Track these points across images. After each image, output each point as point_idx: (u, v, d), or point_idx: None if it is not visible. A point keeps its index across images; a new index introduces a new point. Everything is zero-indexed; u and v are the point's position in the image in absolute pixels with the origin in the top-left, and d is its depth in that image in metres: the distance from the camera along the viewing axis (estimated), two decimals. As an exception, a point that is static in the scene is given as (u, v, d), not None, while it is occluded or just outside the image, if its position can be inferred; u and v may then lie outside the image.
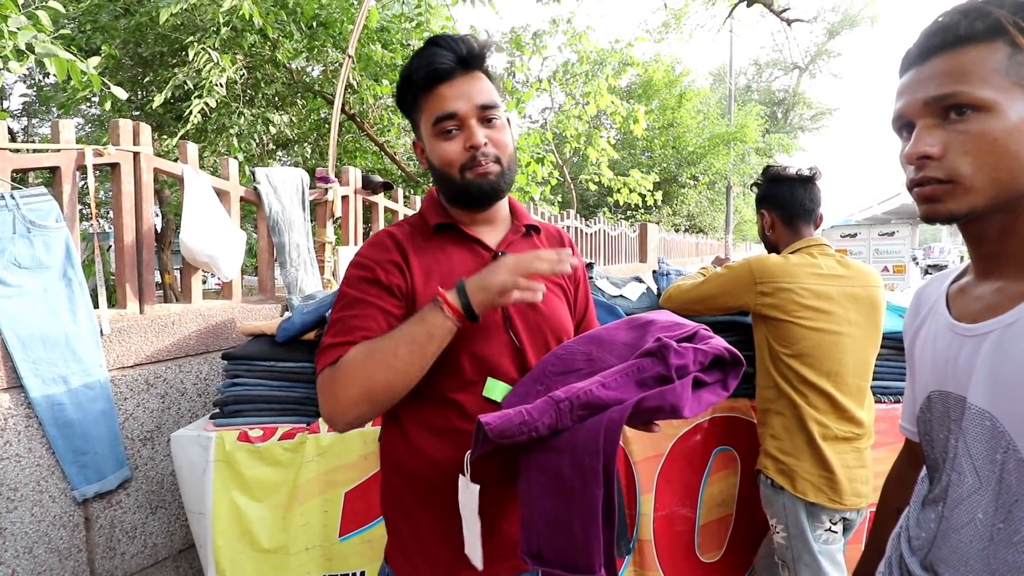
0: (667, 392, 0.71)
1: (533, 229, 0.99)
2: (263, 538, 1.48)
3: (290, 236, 2.32)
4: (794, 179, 1.47)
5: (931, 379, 0.68)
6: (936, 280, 0.74)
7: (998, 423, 0.57)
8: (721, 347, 0.76)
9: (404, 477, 0.89)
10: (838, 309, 1.34)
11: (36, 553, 1.57)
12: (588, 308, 1.07)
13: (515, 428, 0.70)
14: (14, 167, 1.60)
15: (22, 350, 1.54)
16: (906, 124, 0.63)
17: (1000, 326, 0.59)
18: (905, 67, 0.64)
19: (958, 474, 0.62)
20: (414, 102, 0.89)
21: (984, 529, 0.59)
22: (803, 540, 1.33)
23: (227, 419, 1.53)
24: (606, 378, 0.74)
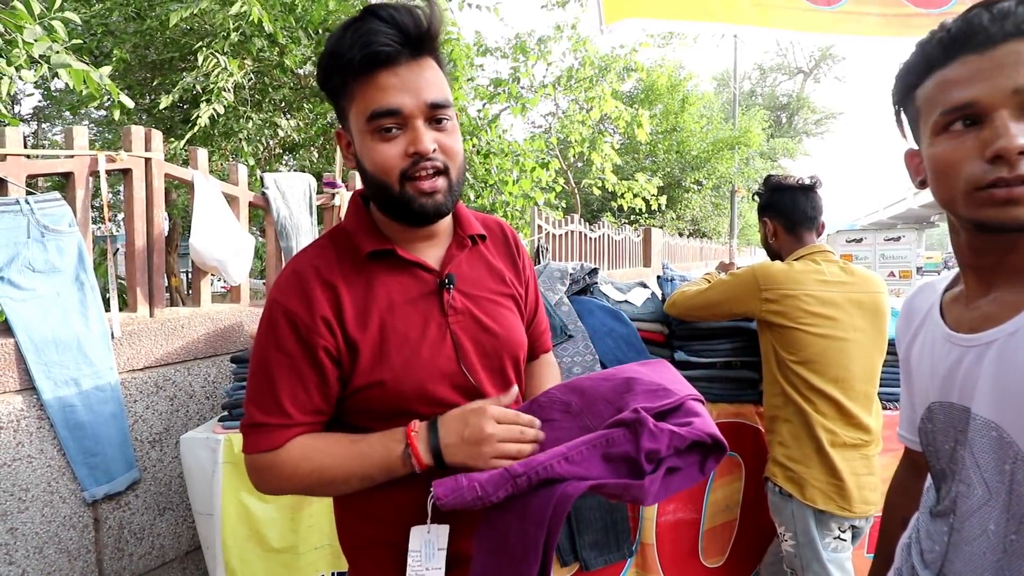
0: (632, 487, 0.67)
1: (479, 237, 0.85)
2: (273, 538, 1.50)
3: (298, 241, 2.35)
4: (795, 188, 1.48)
5: (931, 390, 0.67)
6: (926, 289, 0.74)
7: (1005, 433, 0.57)
8: (702, 432, 0.68)
9: (360, 517, 0.82)
10: (843, 315, 1.35)
11: (46, 553, 1.59)
12: (538, 308, 0.96)
13: (468, 503, 0.67)
14: (29, 173, 1.63)
15: (35, 353, 1.56)
16: (972, 116, 0.57)
17: (1002, 336, 0.58)
18: (954, 52, 0.58)
19: (966, 486, 0.61)
20: (343, 86, 0.72)
21: (997, 541, 0.58)
22: (812, 548, 1.33)
23: (236, 422, 1.55)
24: (571, 450, 0.69)
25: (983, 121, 0.56)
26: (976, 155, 0.56)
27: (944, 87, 0.59)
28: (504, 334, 0.82)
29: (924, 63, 0.62)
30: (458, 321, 0.78)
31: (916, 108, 0.64)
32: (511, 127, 9.75)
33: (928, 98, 0.61)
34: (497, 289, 0.84)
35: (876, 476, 1.34)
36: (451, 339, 0.77)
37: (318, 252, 0.78)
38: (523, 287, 0.90)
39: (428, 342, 0.76)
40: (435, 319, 0.77)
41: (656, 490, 0.66)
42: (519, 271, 0.90)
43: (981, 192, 0.56)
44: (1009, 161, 0.54)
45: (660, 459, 0.67)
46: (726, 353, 1.68)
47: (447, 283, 0.78)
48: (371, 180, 0.74)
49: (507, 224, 0.93)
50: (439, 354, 0.76)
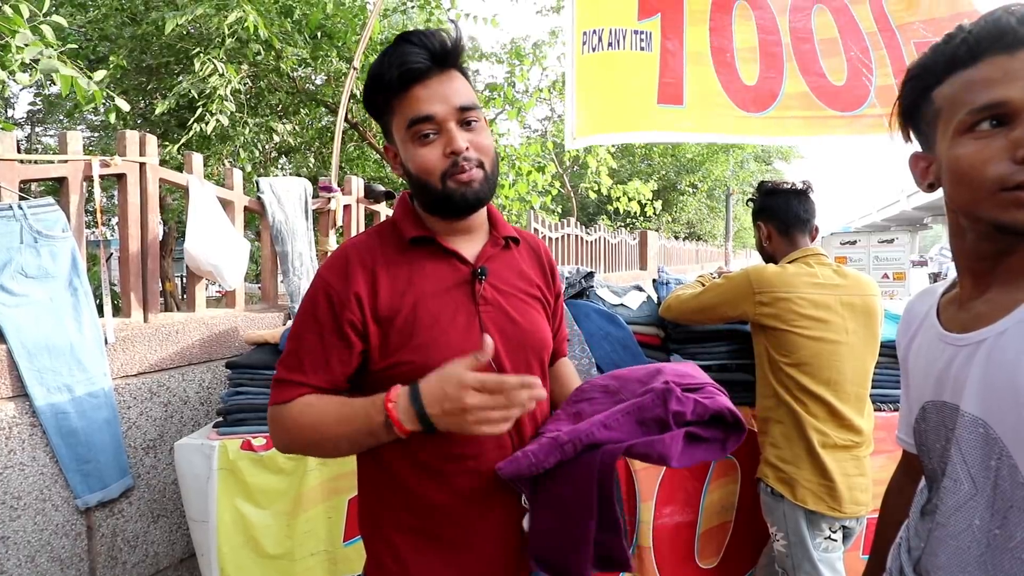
0: (655, 442, 0.74)
1: (512, 240, 0.93)
2: (268, 544, 1.49)
3: (293, 245, 2.34)
4: (789, 192, 1.49)
5: (925, 390, 0.69)
6: (926, 293, 0.75)
7: (991, 430, 0.58)
8: (724, 406, 0.76)
9: (385, 505, 0.86)
10: (836, 318, 1.36)
11: (38, 562, 1.57)
12: (563, 320, 1.04)
13: (525, 470, 0.77)
14: (22, 178, 1.62)
15: (27, 359, 1.55)
16: (1002, 115, 0.56)
17: (992, 335, 0.59)
18: (982, 52, 0.58)
19: (954, 481, 0.63)
20: (385, 104, 0.82)
21: (981, 535, 0.60)
22: (803, 548, 1.33)
23: (230, 428, 1.55)
24: (608, 418, 0.77)
25: (1012, 122, 0.56)
26: (1005, 156, 0.55)
27: (970, 87, 0.58)
28: (530, 329, 0.87)
29: (945, 63, 0.61)
30: (487, 311, 0.84)
31: (934, 109, 0.63)
32: (508, 132, 9.78)
33: (951, 98, 0.60)
34: (526, 289, 0.91)
35: (867, 477, 1.34)
36: (479, 327, 0.83)
37: (366, 237, 0.87)
38: (552, 298, 0.97)
39: (456, 327, 0.81)
40: (465, 307, 0.83)
41: (679, 452, 0.74)
42: (548, 283, 0.97)
43: (1007, 193, 0.56)
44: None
45: (686, 422, 0.75)
46: (721, 356, 1.69)
47: (480, 274, 0.84)
48: (416, 181, 0.83)
49: (544, 244, 1.02)
50: (466, 340, 0.81)
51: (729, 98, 2.01)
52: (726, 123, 2.02)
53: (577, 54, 1.93)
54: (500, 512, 0.83)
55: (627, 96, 1.96)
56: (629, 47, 1.94)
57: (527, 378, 0.68)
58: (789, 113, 2.05)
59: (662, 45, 1.95)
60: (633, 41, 1.94)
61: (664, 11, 1.94)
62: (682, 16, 1.96)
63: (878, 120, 2.05)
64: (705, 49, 1.98)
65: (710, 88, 2.00)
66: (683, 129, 2.01)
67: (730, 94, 2.02)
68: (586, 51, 1.93)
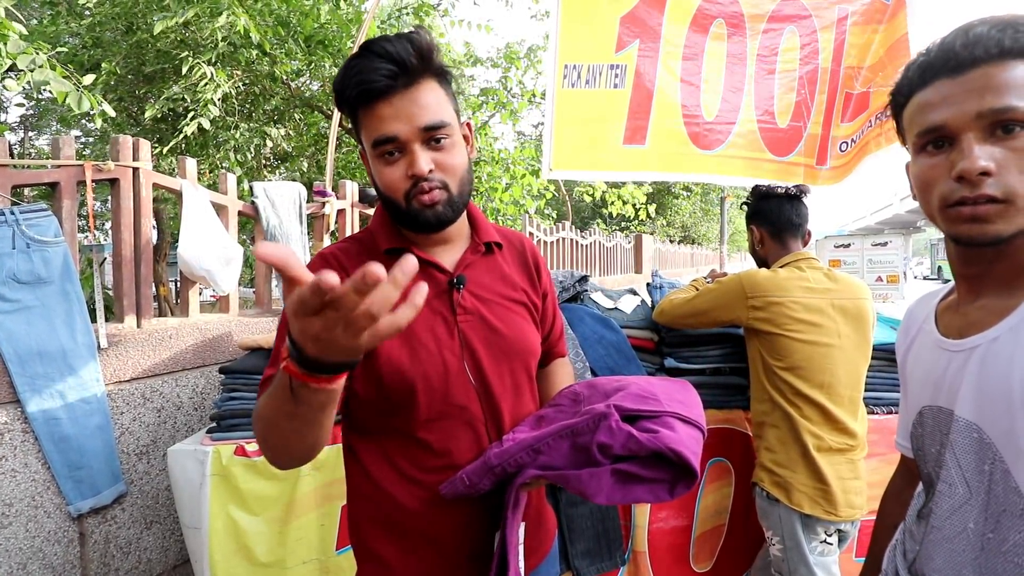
0: (572, 478, 0.70)
1: (495, 244, 0.90)
2: (260, 552, 1.48)
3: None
4: (782, 196, 1.51)
5: (922, 395, 0.69)
6: (925, 299, 0.76)
7: (985, 435, 0.59)
8: (664, 446, 0.67)
9: (371, 516, 0.84)
10: (828, 322, 1.37)
11: (30, 569, 1.56)
12: (556, 320, 1.01)
13: (463, 491, 0.76)
14: (15, 183, 1.61)
15: (19, 365, 1.54)
16: (943, 137, 0.60)
17: (985, 341, 0.60)
18: (931, 76, 0.61)
19: (948, 485, 0.63)
20: (353, 116, 0.81)
21: (975, 539, 0.60)
22: (799, 552, 1.34)
23: (224, 433, 1.54)
24: (538, 441, 0.73)
25: (953, 143, 0.59)
26: (947, 175, 0.59)
27: (920, 109, 0.62)
28: (513, 336, 0.85)
29: (907, 85, 0.64)
30: (467, 320, 0.82)
31: (903, 127, 0.67)
32: (502, 135, 9.86)
33: (909, 119, 0.64)
34: (509, 295, 0.88)
35: (862, 480, 1.35)
36: (459, 337, 0.81)
37: (345, 245, 0.86)
38: (539, 299, 0.94)
39: (435, 338, 0.80)
40: (444, 317, 0.81)
41: (606, 489, 0.68)
42: (535, 283, 0.94)
43: (951, 209, 0.59)
44: (971, 181, 0.57)
45: (612, 456, 0.69)
46: (715, 359, 1.70)
47: (457, 283, 0.83)
48: (383, 196, 0.82)
49: (529, 241, 0.99)
50: (445, 349, 0.80)
51: (687, 135, 2.14)
52: (683, 162, 2.16)
53: (558, 87, 2.02)
54: (481, 517, 0.82)
55: (598, 136, 2.08)
56: (604, 84, 2.04)
57: (358, 277, 0.45)
58: (735, 153, 2.19)
59: (635, 77, 2.05)
60: (608, 78, 2.04)
61: (642, 36, 2.03)
62: (659, 41, 2.06)
63: (798, 169, 2.22)
64: (675, 79, 2.09)
65: (673, 123, 2.12)
66: (646, 168, 2.15)
67: (689, 130, 2.14)
68: (566, 85, 2.03)
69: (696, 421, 0.75)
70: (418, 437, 0.80)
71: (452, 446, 0.81)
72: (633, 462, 0.69)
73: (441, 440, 0.81)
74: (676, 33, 2.10)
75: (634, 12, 2.04)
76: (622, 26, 2.06)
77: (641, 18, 2.04)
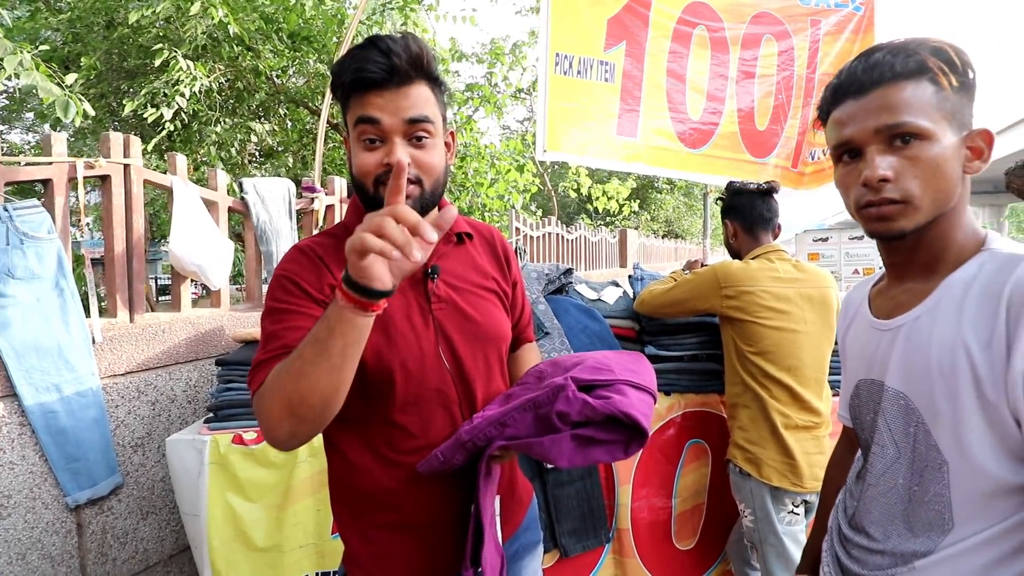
0: (535, 444, 0.76)
1: (466, 235, 0.94)
2: (258, 538, 1.53)
3: (277, 245, 2.37)
4: (754, 192, 1.60)
5: (858, 370, 0.78)
6: (861, 285, 0.85)
7: (910, 401, 0.68)
8: (617, 410, 0.73)
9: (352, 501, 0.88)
10: (795, 309, 1.46)
11: (29, 559, 1.59)
12: (524, 307, 1.05)
13: (437, 468, 0.81)
14: (7, 180, 1.63)
15: (16, 359, 1.57)
16: (852, 149, 0.69)
17: (909, 320, 0.69)
18: (841, 97, 0.70)
19: (881, 447, 0.73)
20: (344, 100, 0.83)
21: (904, 492, 0.69)
22: (769, 522, 1.44)
23: (221, 423, 1.58)
24: (504, 415, 0.78)
25: (860, 154, 0.69)
26: (857, 181, 0.69)
27: (834, 126, 0.72)
28: (485, 323, 0.89)
29: (824, 105, 0.74)
30: (441, 308, 0.86)
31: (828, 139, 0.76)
32: (487, 130, 9.92)
33: (827, 134, 0.74)
34: (480, 283, 0.92)
35: (826, 455, 1.45)
36: (434, 324, 0.85)
37: (320, 240, 0.88)
38: (510, 287, 0.99)
39: (412, 325, 0.83)
40: (419, 305, 0.85)
41: (567, 452, 0.74)
42: (505, 273, 0.98)
43: (863, 210, 0.69)
44: (874, 187, 0.67)
45: (571, 422, 0.75)
46: (692, 347, 1.79)
47: (431, 273, 0.86)
48: (354, 180, 0.84)
49: (498, 232, 1.03)
50: (421, 337, 0.84)
51: (675, 133, 2.23)
52: (671, 158, 2.24)
53: (550, 72, 2.06)
54: (457, 494, 0.86)
55: (591, 124, 2.13)
56: (595, 77, 2.11)
57: (403, 214, 0.60)
58: (719, 153, 2.29)
59: (623, 76, 2.12)
60: (599, 71, 2.11)
61: (629, 39, 2.09)
62: (644, 46, 2.13)
63: (775, 171, 2.32)
64: (661, 80, 2.18)
65: (661, 122, 2.20)
66: (636, 160, 2.22)
67: (676, 127, 2.23)
68: (558, 72, 2.09)
69: (647, 386, 0.81)
70: (396, 420, 0.84)
71: (428, 427, 0.85)
72: (590, 427, 0.75)
73: (418, 422, 0.84)
74: (661, 37, 2.18)
75: (619, 16, 2.11)
76: (609, 27, 2.13)
77: (626, 24, 2.12)
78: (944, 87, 0.65)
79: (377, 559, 0.87)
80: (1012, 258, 0.62)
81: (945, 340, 0.64)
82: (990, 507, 0.62)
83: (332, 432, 0.88)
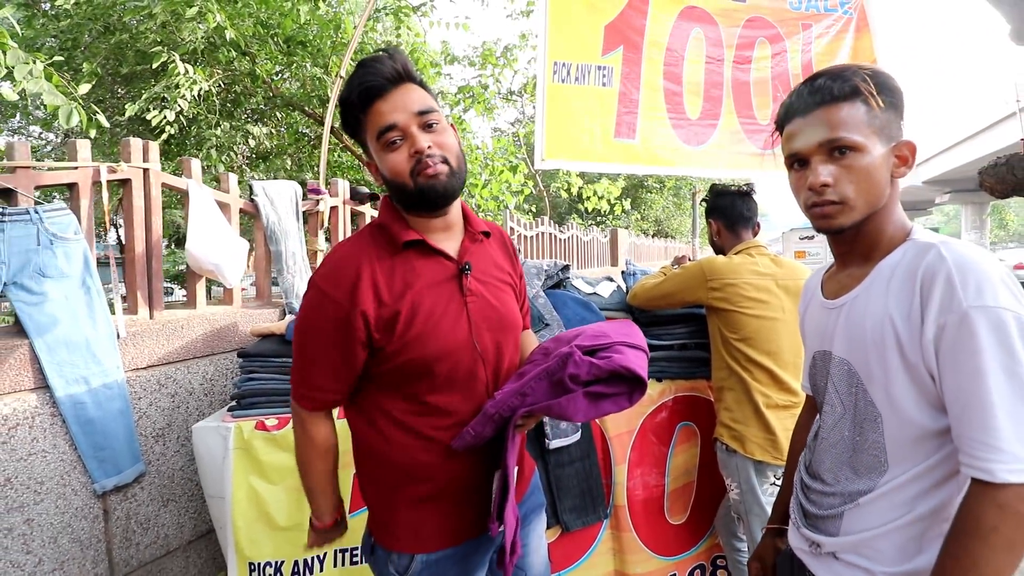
0: (554, 405, 0.86)
1: (484, 234, 1.05)
2: (280, 517, 1.64)
3: (286, 245, 2.48)
4: (735, 193, 1.74)
5: (813, 343, 0.93)
6: (817, 273, 0.99)
7: (852, 366, 0.82)
8: (618, 365, 0.85)
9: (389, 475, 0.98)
10: (774, 299, 1.60)
11: (60, 543, 1.68)
12: (524, 299, 1.16)
13: (471, 441, 0.92)
14: (37, 184, 1.72)
15: (48, 353, 1.66)
16: (800, 159, 0.83)
17: (850, 299, 0.84)
18: (790, 116, 0.84)
19: (831, 406, 0.87)
20: (357, 124, 0.93)
21: (849, 443, 0.83)
22: (753, 494, 1.57)
23: (244, 411, 1.69)
24: (524, 386, 0.89)
25: (807, 164, 0.82)
26: (805, 186, 0.83)
27: (786, 139, 0.85)
28: (506, 312, 1.01)
29: (779, 121, 0.88)
30: (473, 301, 0.97)
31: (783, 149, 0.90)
32: (480, 131, 10.07)
33: (783, 145, 0.87)
34: (500, 277, 1.04)
35: (804, 432, 1.59)
36: (466, 315, 0.96)
37: (358, 242, 0.96)
38: (517, 279, 1.11)
39: (448, 317, 0.94)
40: (455, 299, 0.95)
41: (584, 409, 0.85)
42: (515, 266, 1.11)
43: (810, 210, 0.83)
44: (817, 191, 0.80)
45: (582, 382, 0.86)
46: (681, 336, 1.92)
47: (465, 270, 0.96)
48: (393, 184, 0.93)
49: (504, 230, 1.15)
50: (456, 327, 0.94)
51: (674, 131, 2.32)
52: (670, 156, 2.33)
53: (548, 81, 2.17)
54: (481, 464, 0.97)
55: (589, 129, 2.23)
56: (593, 82, 2.22)
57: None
58: (721, 148, 2.38)
59: (621, 80, 2.23)
60: (596, 77, 2.21)
61: (626, 44, 2.20)
62: (641, 50, 2.23)
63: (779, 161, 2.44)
64: (658, 83, 2.27)
65: (659, 121, 2.30)
66: (635, 161, 2.32)
67: (675, 127, 2.32)
68: (556, 80, 2.18)
69: (640, 345, 0.93)
70: (432, 402, 0.94)
71: (461, 407, 0.95)
72: (598, 384, 0.86)
73: (452, 402, 0.95)
74: (657, 43, 2.29)
75: (616, 23, 2.22)
76: (606, 33, 2.24)
77: (623, 30, 2.23)
78: (874, 107, 0.79)
79: (410, 528, 0.97)
80: (926, 246, 0.76)
81: (876, 314, 0.78)
82: (916, 450, 0.76)
83: (369, 413, 0.99)
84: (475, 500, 0.98)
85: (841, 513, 0.82)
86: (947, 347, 0.70)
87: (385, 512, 1.00)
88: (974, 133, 20.49)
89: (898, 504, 0.77)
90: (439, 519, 0.97)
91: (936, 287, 0.71)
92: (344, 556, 1.67)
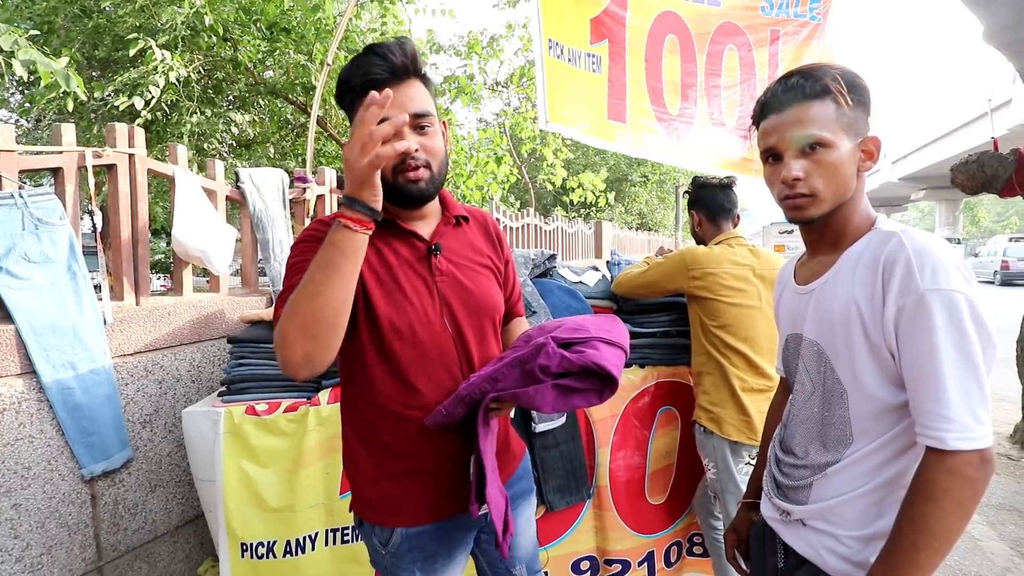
0: (521, 394, 0.87)
1: (463, 218, 1.06)
2: (271, 499, 1.67)
3: (273, 233, 2.48)
4: (716, 186, 1.80)
5: (786, 327, 0.99)
6: (790, 261, 1.05)
7: (821, 347, 0.89)
8: (590, 361, 0.84)
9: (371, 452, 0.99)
10: (751, 288, 1.67)
11: (48, 528, 1.69)
12: (515, 285, 1.16)
13: (442, 421, 0.93)
14: (21, 168, 1.71)
15: (35, 338, 1.66)
16: (774, 154, 0.88)
17: (819, 285, 0.90)
18: (766, 113, 0.89)
19: (801, 384, 0.93)
20: (351, 105, 0.94)
21: (819, 418, 0.90)
22: (729, 473, 1.65)
23: (234, 396, 1.71)
24: (496, 371, 0.90)
25: (780, 158, 0.88)
26: (779, 179, 0.88)
27: (762, 135, 0.91)
28: (481, 294, 1.03)
29: (755, 118, 0.93)
30: (443, 281, 0.99)
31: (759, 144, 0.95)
32: (466, 122, 10.04)
33: (758, 140, 0.93)
34: (477, 260, 1.06)
35: (778, 414, 1.67)
36: (438, 295, 0.99)
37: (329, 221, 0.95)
38: (502, 264, 1.13)
39: (418, 295, 0.97)
40: (424, 277, 0.98)
41: (550, 399, 0.86)
42: (498, 252, 1.12)
43: (783, 201, 0.89)
44: (789, 184, 0.86)
45: (552, 374, 0.86)
46: (664, 324, 1.99)
47: (434, 250, 0.99)
48: None
49: (491, 216, 1.17)
50: (427, 305, 0.97)
51: (658, 123, 2.42)
52: (655, 145, 2.44)
53: (545, 54, 2.20)
54: (458, 446, 0.99)
55: (585, 105, 2.29)
56: (583, 67, 2.27)
57: (367, 100, 0.77)
58: (696, 146, 2.50)
59: (609, 69, 2.27)
60: (587, 62, 2.26)
61: (611, 38, 2.25)
62: (624, 46, 2.29)
63: (747, 164, 2.56)
64: (641, 77, 2.35)
65: (645, 111, 2.39)
66: (626, 143, 2.41)
67: (659, 119, 2.43)
68: (552, 55, 2.22)
69: (618, 342, 0.92)
70: (407, 380, 0.96)
71: (434, 386, 0.97)
72: (569, 377, 0.87)
73: (426, 382, 0.97)
74: (637, 42, 2.35)
75: (600, 18, 2.27)
76: (592, 26, 2.29)
77: (608, 25, 2.28)
78: (843, 105, 0.84)
79: (389, 502, 1.00)
80: (889, 234, 0.82)
81: (842, 298, 0.84)
82: (878, 423, 0.83)
83: (353, 394, 1.02)
84: (455, 479, 1.00)
85: (810, 483, 0.89)
86: (905, 326, 0.76)
87: (368, 487, 1.02)
88: (949, 131, 21.05)
89: (862, 473, 0.83)
90: (419, 495, 1.00)
91: (896, 272, 0.77)
92: (335, 535, 1.71)
